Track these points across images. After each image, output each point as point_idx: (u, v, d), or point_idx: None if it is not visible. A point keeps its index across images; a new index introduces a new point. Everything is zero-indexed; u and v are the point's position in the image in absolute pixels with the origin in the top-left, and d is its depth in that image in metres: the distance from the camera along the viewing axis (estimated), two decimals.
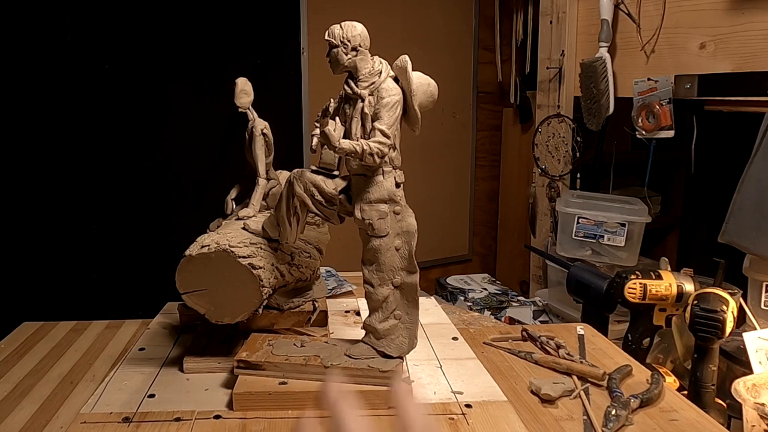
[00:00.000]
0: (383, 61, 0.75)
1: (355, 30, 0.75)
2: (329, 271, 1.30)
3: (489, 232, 2.95)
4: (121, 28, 1.77)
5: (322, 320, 0.92)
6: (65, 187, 1.74)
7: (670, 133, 1.60)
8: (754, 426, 0.92)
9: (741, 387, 0.97)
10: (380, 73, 0.74)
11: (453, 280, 2.34)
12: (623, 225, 1.61)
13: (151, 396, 0.78)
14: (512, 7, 2.62)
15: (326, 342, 0.81)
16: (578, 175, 1.95)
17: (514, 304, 1.92)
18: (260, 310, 0.82)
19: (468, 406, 0.75)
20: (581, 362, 0.89)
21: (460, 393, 0.78)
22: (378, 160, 0.72)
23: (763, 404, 0.92)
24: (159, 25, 1.83)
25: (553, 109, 1.96)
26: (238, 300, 0.80)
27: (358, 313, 1.05)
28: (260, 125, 0.91)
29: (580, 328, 1.06)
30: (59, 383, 0.90)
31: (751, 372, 1.08)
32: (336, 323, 0.99)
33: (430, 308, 1.11)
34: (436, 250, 2.75)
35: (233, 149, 1.06)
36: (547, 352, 0.94)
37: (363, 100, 0.73)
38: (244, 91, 0.87)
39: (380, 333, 0.75)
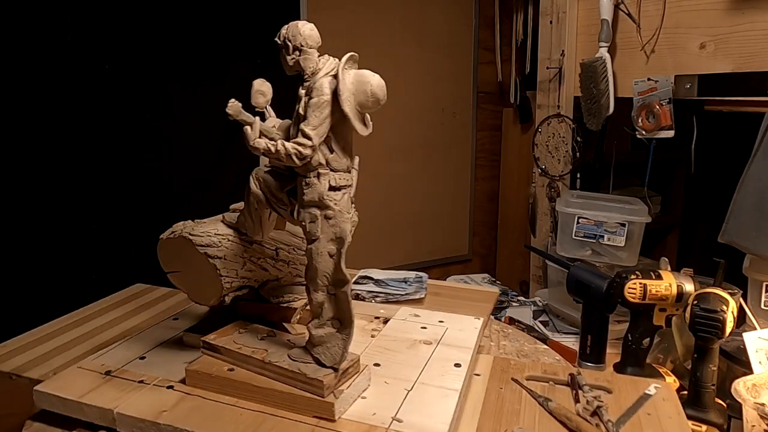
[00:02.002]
0: (330, 59, 0.73)
1: (297, 29, 0.73)
2: (420, 277, 1.29)
3: (489, 232, 2.95)
4: (121, 28, 1.77)
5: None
6: (65, 187, 1.74)
7: (670, 133, 1.59)
8: (754, 426, 0.92)
9: (741, 387, 0.97)
10: (317, 72, 0.72)
11: (453, 280, 2.34)
12: (623, 225, 1.60)
13: (142, 358, 0.88)
14: (512, 7, 2.62)
15: (288, 339, 0.82)
16: (578, 175, 1.95)
17: (514, 304, 1.92)
18: (227, 298, 0.85)
19: None
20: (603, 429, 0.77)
21: (399, 421, 0.72)
22: (298, 162, 0.70)
23: (763, 404, 0.92)
24: (159, 25, 1.83)
25: (553, 109, 1.96)
26: (205, 285, 0.84)
27: (385, 322, 1.02)
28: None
29: (654, 387, 0.88)
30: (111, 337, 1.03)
31: (751, 372, 1.08)
32: None
33: (466, 327, 1.00)
34: (436, 250, 2.75)
35: (233, 149, 1.07)
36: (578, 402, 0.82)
37: (300, 101, 0.73)
38: (260, 91, 0.87)
39: (315, 339, 0.74)
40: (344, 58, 0.71)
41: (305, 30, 0.73)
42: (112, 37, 1.76)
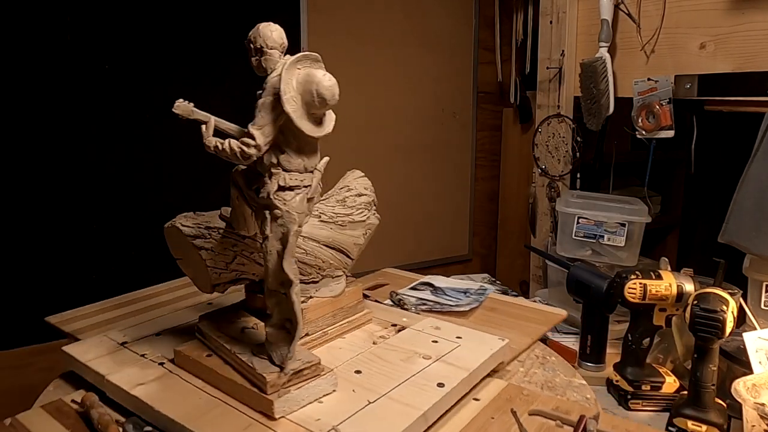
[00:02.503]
0: (287, 59, 0.73)
1: (258, 31, 0.74)
2: (483, 289, 1.21)
3: (489, 232, 2.95)
4: (121, 28, 1.77)
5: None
6: (65, 187, 1.74)
7: (670, 133, 1.59)
8: (754, 426, 0.92)
9: (741, 387, 0.97)
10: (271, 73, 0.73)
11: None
12: (623, 225, 1.60)
13: (158, 335, 0.94)
14: (512, 7, 2.62)
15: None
16: (578, 175, 1.95)
17: None
18: (218, 289, 0.88)
19: None
20: None
21: None
22: (243, 160, 0.72)
23: (763, 404, 0.92)
24: (159, 25, 1.83)
25: (553, 109, 1.96)
26: (200, 273, 0.86)
27: (400, 330, 0.98)
28: None
29: None
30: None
31: (751, 372, 1.08)
32: (355, 330, 0.97)
33: (481, 347, 0.91)
34: (436, 250, 2.75)
35: None
36: None
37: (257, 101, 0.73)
38: None
39: (269, 337, 0.75)
40: (293, 57, 0.70)
41: (265, 31, 0.73)
42: (112, 37, 1.76)
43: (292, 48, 0.73)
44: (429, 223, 2.69)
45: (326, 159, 0.76)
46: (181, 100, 0.76)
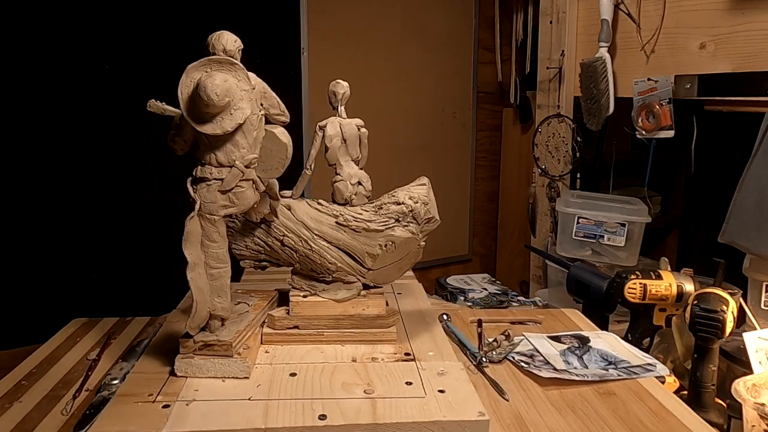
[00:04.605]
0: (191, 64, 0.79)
1: (208, 39, 0.80)
2: (649, 367, 0.94)
3: (489, 232, 2.95)
4: (121, 28, 1.77)
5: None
6: (65, 187, 1.74)
7: (670, 133, 1.60)
8: (754, 426, 0.92)
9: (741, 387, 0.97)
10: None
11: (453, 280, 2.34)
12: (623, 225, 1.61)
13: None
14: (512, 7, 2.62)
15: (246, 314, 0.90)
16: (578, 175, 1.95)
17: (514, 304, 1.92)
18: (244, 263, 0.93)
19: None
20: None
21: (185, 404, 0.73)
22: (177, 153, 0.83)
23: (763, 404, 0.92)
24: (159, 25, 1.83)
25: (553, 109, 1.96)
26: None
27: (407, 360, 0.86)
28: (326, 123, 0.96)
29: None
30: None
31: (751, 372, 1.08)
32: (362, 344, 0.91)
33: (436, 406, 0.72)
34: (436, 250, 2.75)
35: None
36: None
37: None
38: (332, 92, 0.97)
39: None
40: (197, 61, 0.76)
41: (210, 39, 0.80)
42: (112, 37, 1.76)
43: (292, 48, 0.74)
44: None
45: (251, 156, 0.79)
46: (153, 100, 0.84)
